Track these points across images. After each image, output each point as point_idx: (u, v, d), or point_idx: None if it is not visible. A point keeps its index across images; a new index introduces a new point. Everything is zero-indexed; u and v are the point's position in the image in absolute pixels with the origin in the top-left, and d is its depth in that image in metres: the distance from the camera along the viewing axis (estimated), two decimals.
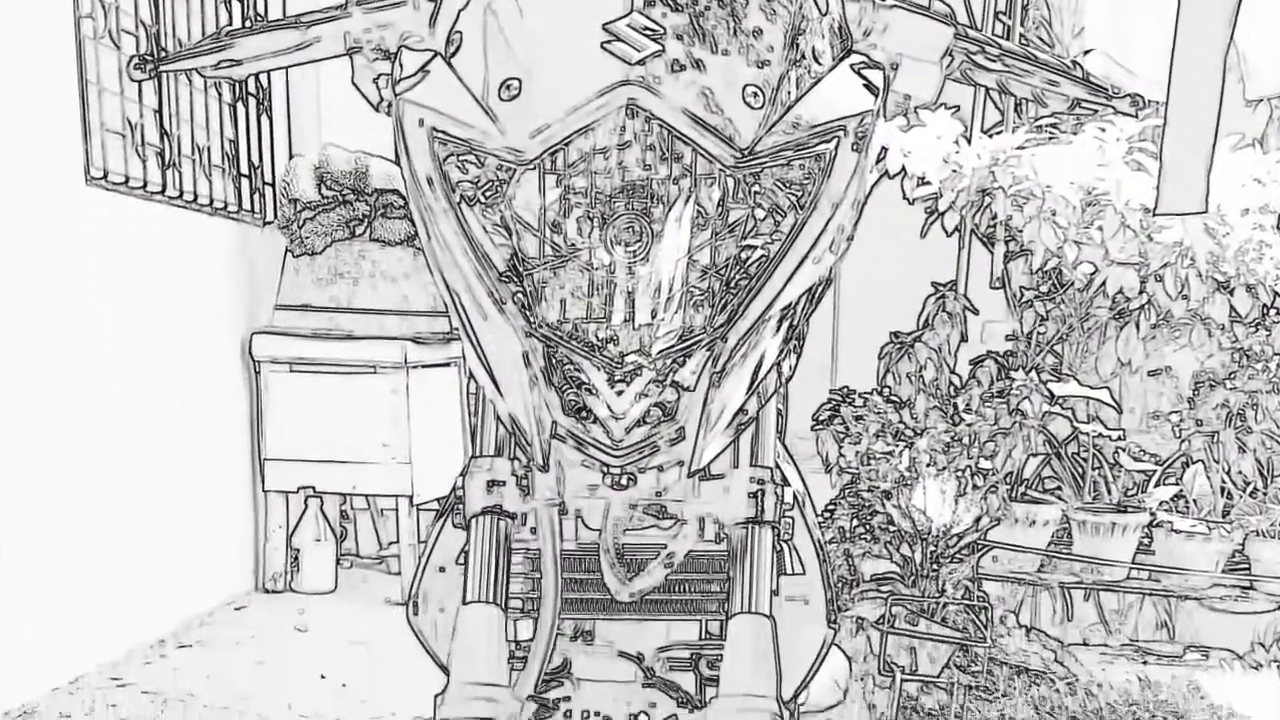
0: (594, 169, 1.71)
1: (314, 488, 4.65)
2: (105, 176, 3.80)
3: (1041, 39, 4.26)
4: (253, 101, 4.79)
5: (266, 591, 4.70)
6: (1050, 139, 4.00)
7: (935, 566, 3.59)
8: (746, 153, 1.72)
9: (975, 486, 3.57)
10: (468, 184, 1.74)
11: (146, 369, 3.99)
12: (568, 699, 1.82)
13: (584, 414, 1.74)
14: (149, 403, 4.00)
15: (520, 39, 1.74)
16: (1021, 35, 4.23)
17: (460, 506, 1.86)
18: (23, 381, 3.44)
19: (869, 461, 3.71)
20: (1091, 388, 4.03)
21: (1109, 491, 4.13)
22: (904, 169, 3.96)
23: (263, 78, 4.81)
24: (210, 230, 4.45)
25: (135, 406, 3.94)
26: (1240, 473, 4.06)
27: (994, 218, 3.96)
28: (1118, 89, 2.09)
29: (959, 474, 3.56)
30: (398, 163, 1.80)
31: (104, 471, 3.79)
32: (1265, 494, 4.05)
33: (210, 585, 4.46)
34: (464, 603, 1.82)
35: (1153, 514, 4.07)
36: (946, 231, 4.02)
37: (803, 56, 1.77)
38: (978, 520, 3.57)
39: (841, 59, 1.81)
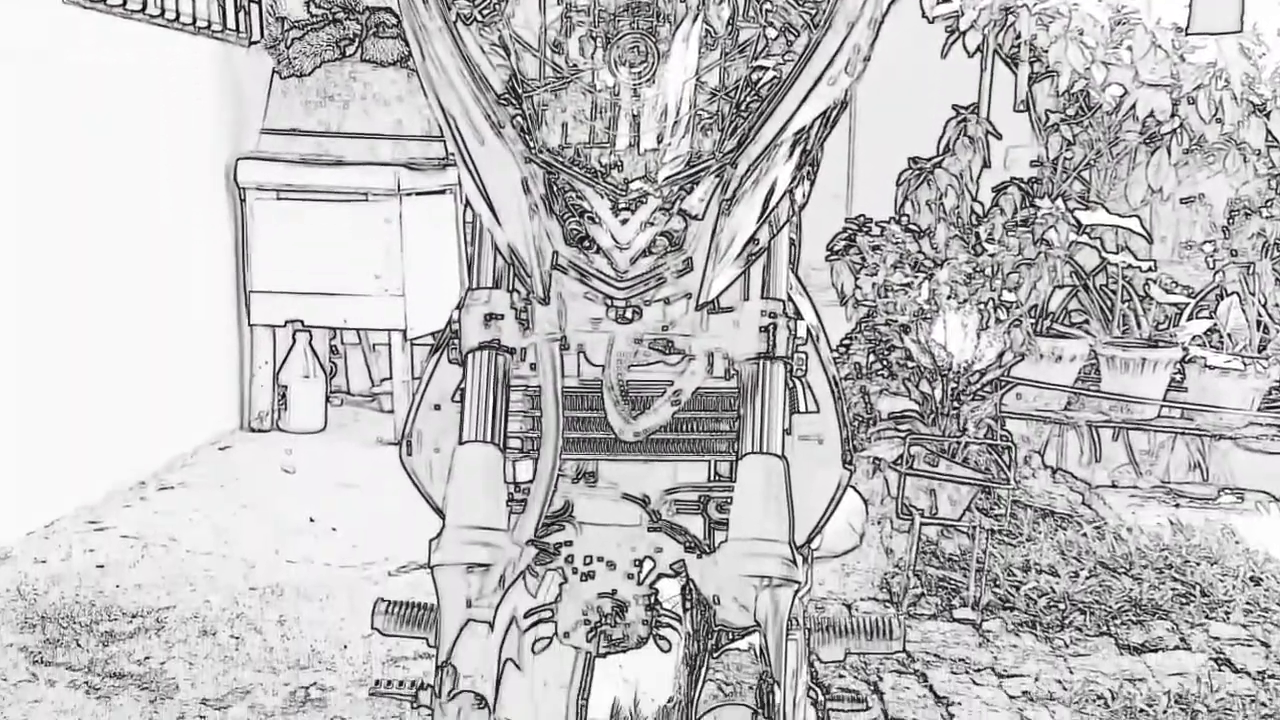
0: None
1: (302, 321, 4.61)
2: None
3: None
4: None
5: (252, 430, 4.68)
6: None
7: (956, 404, 3.54)
8: None
9: (998, 320, 3.52)
10: (464, 1, 1.63)
11: (124, 196, 3.90)
12: (569, 543, 1.74)
13: (587, 243, 1.66)
14: (127, 232, 3.93)
15: None
16: None
17: (456, 341, 1.79)
18: None
19: (886, 294, 3.67)
20: (1121, 216, 3.98)
21: (1139, 325, 4.11)
22: None
23: None
24: (193, 50, 4.35)
25: (113, 236, 3.86)
26: (1277, 305, 4.05)
27: (1018, 37, 3.90)
28: None
29: (981, 307, 3.53)
30: None
31: (81, 305, 3.72)
32: None
33: (193, 424, 4.43)
34: (460, 443, 1.75)
35: (1185, 349, 4.05)
36: (968, 52, 3.98)
37: None
38: (1001, 355, 3.53)
39: None
